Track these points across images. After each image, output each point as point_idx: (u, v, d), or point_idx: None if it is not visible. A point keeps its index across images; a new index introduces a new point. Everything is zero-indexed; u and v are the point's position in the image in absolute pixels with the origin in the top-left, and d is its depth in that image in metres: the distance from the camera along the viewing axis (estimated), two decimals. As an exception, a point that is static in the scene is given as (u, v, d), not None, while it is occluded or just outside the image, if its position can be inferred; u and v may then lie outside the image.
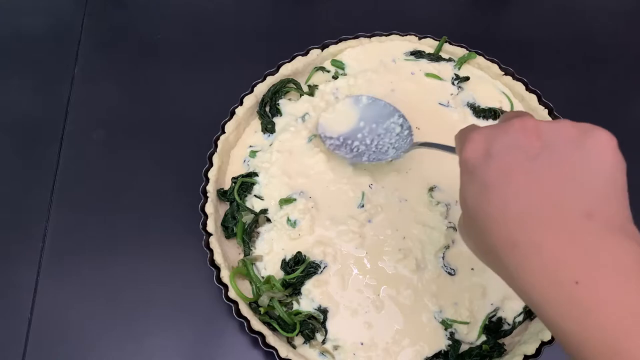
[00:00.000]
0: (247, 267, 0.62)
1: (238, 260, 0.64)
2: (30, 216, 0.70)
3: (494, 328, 0.61)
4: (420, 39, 0.76)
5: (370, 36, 0.76)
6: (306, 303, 0.61)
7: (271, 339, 0.58)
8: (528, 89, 0.73)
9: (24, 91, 0.78)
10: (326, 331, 0.60)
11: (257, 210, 0.66)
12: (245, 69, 0.73)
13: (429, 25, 0.78)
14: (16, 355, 0.62)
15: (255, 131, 0.71)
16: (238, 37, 0.82)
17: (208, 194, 0.65)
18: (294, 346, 0.60)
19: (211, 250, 0.62)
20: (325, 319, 0.60)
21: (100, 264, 0.67)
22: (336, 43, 0.75)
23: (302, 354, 0.59)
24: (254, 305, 0.61)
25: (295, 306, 0.61)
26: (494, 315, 0.61)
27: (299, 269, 0.61)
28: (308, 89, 0.73)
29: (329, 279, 0.62)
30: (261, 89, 0.71)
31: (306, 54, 0.74)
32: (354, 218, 0.64)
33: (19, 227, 0.69)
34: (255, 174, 0.68)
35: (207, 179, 0.66)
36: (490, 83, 0.74)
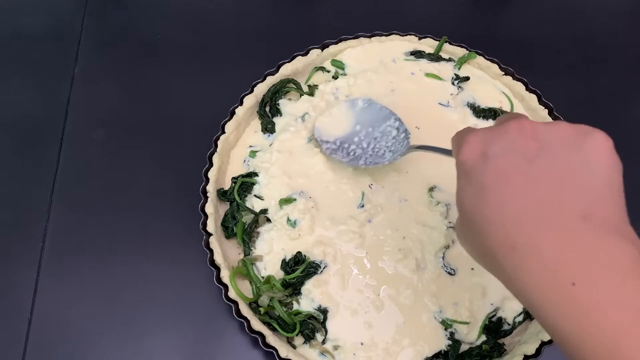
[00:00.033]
0: (247, 267, 0.62)
1: (238, 260, 0.64)
2: (30, 216, 0.70)
3: (494, 328, 0.61)
4: (420, 39, 0.76)
5: (370, 36, 0.76)
6: (306, 303, 0.61)
7: (271, 339, 0.58)
8: (528, 89, 0.72)
9: (24, 91, 0.78)
10: (326, 331, 0.60)
11: (257, 210, 0.66)
12: (245, 69, 0.73)
13: (429, 25, 0.78)
14: (16, 355, 0.63)
15: (255, 131, 0.71)
16: (238, 37, 0.82)
17: (208, 194, 0.65)
18: (294, 346, 0.60)
19: (211, 250, 0.62)
20: (325, 319, 0.60)
21: (100, 264, 0.67)
22: (336, 43, 0.75)
23: (302, 354, 0.59)
24: (254, 305, 0.61)
25: (295, 306, 0.61)
26: (494, 315, 0.61)
27: (299, 269, 0.61)
28: (308, 89, 0.73)
29: (329, 279, 0.62)
30: (261, 89, 0.71)
31: (306, 54, 0.74)
32: (354, 218, 0.64)
33: (19, 227, 0.69)
34: (255, 174, 0.68)
35: (207, 179, 0.66)
36: (490, 83, 0.74)
